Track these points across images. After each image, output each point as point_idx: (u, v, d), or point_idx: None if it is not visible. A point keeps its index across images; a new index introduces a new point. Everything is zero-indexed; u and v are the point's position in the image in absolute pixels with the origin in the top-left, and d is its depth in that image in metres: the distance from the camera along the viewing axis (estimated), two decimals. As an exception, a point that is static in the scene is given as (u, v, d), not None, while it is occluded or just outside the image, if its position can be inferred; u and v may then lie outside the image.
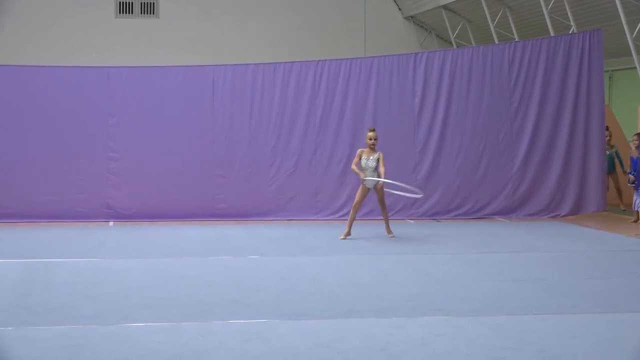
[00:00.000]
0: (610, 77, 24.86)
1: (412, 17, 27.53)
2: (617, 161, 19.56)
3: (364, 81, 18.46)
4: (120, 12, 24.43)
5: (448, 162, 18.37)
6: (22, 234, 15.92)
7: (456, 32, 25.97)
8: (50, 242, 14.80)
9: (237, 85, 18.34)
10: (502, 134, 18.39)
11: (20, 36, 22.68)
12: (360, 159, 15.06)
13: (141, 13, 24.53)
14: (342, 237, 15.00)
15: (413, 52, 19.30)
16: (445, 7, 25.18)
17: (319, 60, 18.69)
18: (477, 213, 18.38)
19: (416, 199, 18.07)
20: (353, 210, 15.27)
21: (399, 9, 27.38)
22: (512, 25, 23.60)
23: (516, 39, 22.41)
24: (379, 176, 14.94)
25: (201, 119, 18.08)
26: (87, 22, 23.71)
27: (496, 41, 23.50)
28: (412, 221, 17.96)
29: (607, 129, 19.03)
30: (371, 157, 15.03)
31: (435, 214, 18.31)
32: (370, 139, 15.07)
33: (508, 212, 18.42)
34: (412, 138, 18.39)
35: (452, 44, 26.22)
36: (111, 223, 17.59)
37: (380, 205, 15.43)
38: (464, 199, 18.41)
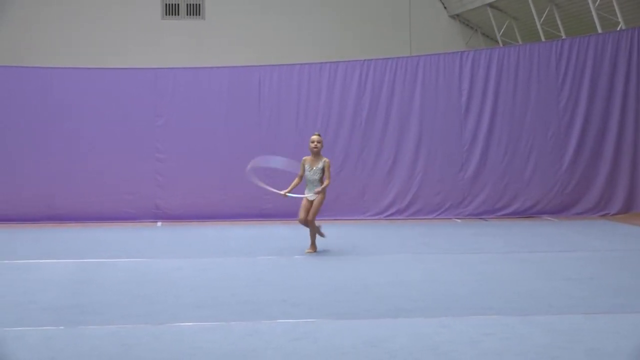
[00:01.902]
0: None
1: (457, 15, 27.40)
2: None
3: (410, 80, 18.42)
4: (166, 14, 24.56)
5: (495, 160, 18.27)
6: (73, 234, 16.09)
7: (502, 30, 25.79)
8: (100, 242, 14.94)
9: (283, 86, 18.40)
10: (550, 132, 18.26)
11: (68, 39, 22.90)
12: (302, 167, 13.17)
13: (187, 14, 24.64)
14: (307, 251, 13.19)
15: (459, 51, 19.21)
16: (491, 5, 25.02)
17: (364, 60, 18.68)
18: (525, 212, 18.27)
19: (464, 197, 18.03)
20: (310, 224, 13.15)
21: (445, 8, 27.26)
22: (559, 23, 23.39)
23: (563, 37, 22.20)
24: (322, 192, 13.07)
25: (247, 119, 18.16)
26: (134, 24, 23.88)
27: (543, 39, 23.29)
28: (459, 220, 17.90)
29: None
30: (315, 167, 13.02)
31: (483, 213, 18.23)
32: (313, 142, 13.13)
33: (556, 211, 18.28)
34: (458, 137, 18.32)
35: (498, 42, 26.04)
36: (159, 223, 17.73)
37: (309, 217, 13.04)
38: (511, 198, 18.30)
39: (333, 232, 16.10)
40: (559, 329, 8.05)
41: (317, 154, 13.07)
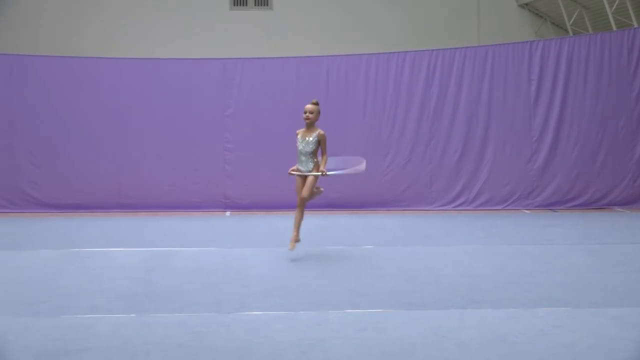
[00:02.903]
0: None
1: (526, 4, 27.12)
2: None
3: (479, 70, 18.29)
4: (234, 5, 24.68)
5: (565, 151, 18.07)
6: (143, 222, 16.28)
7: (572, 19, 25.47)
8: (169, 231, 15.09)
9: (350, 76, 18.39)
10: (621, 122, 18.00)
11: (137, 30, 23.14)
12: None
13: (255, 5, 24.74)
14: (291, 246, 11.73)
15: (528, 41, 19.01)
16: (561, -7, 24.74)
17: (432, 50, 18.59)
18: (595, 203, 18.05)
19: (533, 188, 17.88)
20: (298, 207, 11.88)
21: (514, -3, 27.02)
22: (631, 11, 23.02)
23: (635, 25, 21.86)
24: (316, 168, 11.82)
25: (315, 109, 18.16)
26: (203, 14, 24.04)
27: (614, 28, 22.95)
28: (528, 211, 17.75)
29: None
30: (308, 138, 11.77)
31: (552, 204, 18.05)
32: (305, 112, 11.82)
33: (628, 202, 18.03)
34: (527, 127, 18.15)
35: (568, 32, 25.74)
36: (228, 213, 17.86)
37: (300, 197, 11.85)
38: (582, 189, 18.09)
39: (401, 222, 16.11)
40: (630, 321, 7.96)
41: (310, 125, 11.81)
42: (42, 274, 10.72)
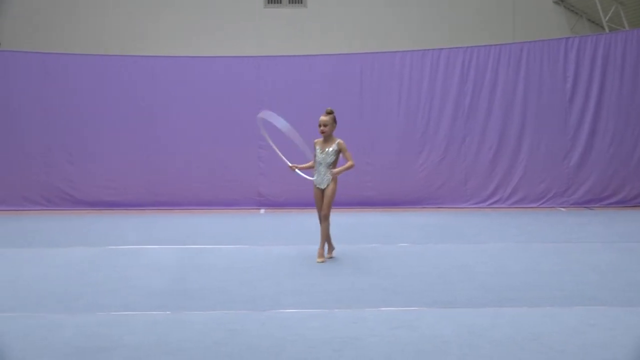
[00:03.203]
0: None
1: (562, 1, 26.93)
2: None
3: (514, 67, 18.22)
4: (269, 2, 24.71)
5: (601, 148, 17.96)
6: (177, 220, 16.35)
7: (608, 15, 25.26)
8: (204, 228, 15.15)
9: (384, 73, 18.37)
10: (658, 119, 17.89)
11: (171, 28, 23.24)
12: (315, 148, 11.62)
13: (289, 2, 24.75)
14: (320, 260, 11.31)
15: (564, 37, 18.89)
16: (597, -11, 24.55)
17: (467, 47, 18.53)
18: (632, 201, 17.93)
19: (569, 186, 17.78)
20: (323, 220, 11.39)
21: (549, -7, 26.83)
22: (668, 7, 22.82)
23: (673, 21, 21.65)
24: (333, 180, 11.43)
25: (349, 107, 18.16)
26: (237, 12, 24.09)
27: (651, 24, 22.75)
28: (563, 209, 17.65)
29: None
30: (327, 149, 11.38)
31: (588, 202, 17.93)
32: (319, 125, 11.39)
33: (664, 200, 17.92)
34: (563, 124, 18.04)
35: (604, 28, 25.54)
36: (262, 210, 17.91)
37: (322, 213, 11.42)
38: (618, 187, 17.98)
39: (436, 219, 16.07)
40: (667, 320, 7.89)
41: (327, 137, 11.40)
42: (76, 271, 10.79)
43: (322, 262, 11.23)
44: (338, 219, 16.23)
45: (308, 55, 19.14)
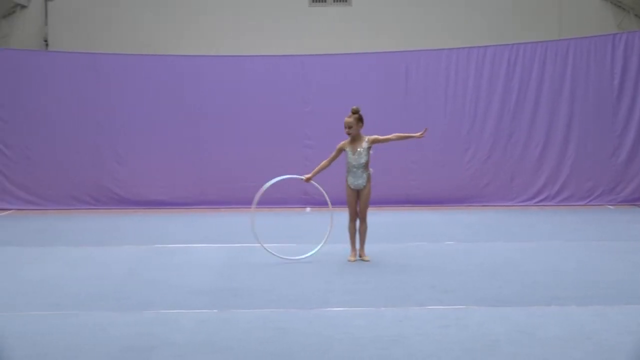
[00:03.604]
0: None
1: (609, -4, 26.70)
2: None
3: (560, 64, 18.08)
4: (313, 1, 24.72)
5: (650, 145, 17.78)
6: (224, 219, 16.42)
7: (657, 10, 24.99)
8: (250, 227, 15.15)
9: (430, 71, 18.31)
10: None
11: (216, 27, 23.32)
12: (337, 153, 11.71)
13: (334, 1, 24.74)
14: (351, 258, 11.37)
15: (611, 34, 18.69)
16: (645, -15, 24.28)
17: (513, 44, 18.43)
18: (681, 198, 17.72)
19: (617, 183, 17.61)
20: (351, 221, 11.62)
21: (596, -11, 26.59)
22: None
23: None
24: (369, 180, 11.66)
25: (395, 105, 18.13)
26: (282, 11, 24.11)
27: (701, 18, 22.44)
28: (611, 207, 17.48)
29: None
30: (358, 149, 11.43)
31: (637, 200, 17.75)
32: (345, 127, 11.53)
33: None
34: (610, 121, 17.87)
35: (652, 24, 25.26)
36: (308, 209, 17.92)
37: (360, 215, 11.58)
38: (667, 184, 17.77)
39: (482, 218, 15.99)
40: None
41: (355, 137, 11.47)
42: (125, 269, 10.88)
43: (352, 261, 11.23)
44: (384, 217, 16.22)
45: (353, 53, 19.12)
